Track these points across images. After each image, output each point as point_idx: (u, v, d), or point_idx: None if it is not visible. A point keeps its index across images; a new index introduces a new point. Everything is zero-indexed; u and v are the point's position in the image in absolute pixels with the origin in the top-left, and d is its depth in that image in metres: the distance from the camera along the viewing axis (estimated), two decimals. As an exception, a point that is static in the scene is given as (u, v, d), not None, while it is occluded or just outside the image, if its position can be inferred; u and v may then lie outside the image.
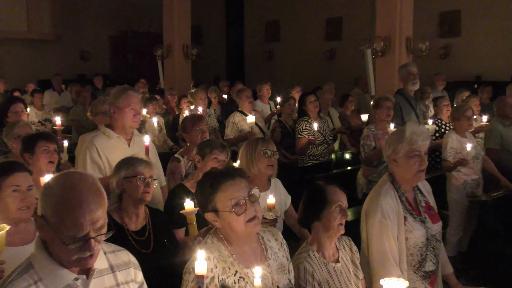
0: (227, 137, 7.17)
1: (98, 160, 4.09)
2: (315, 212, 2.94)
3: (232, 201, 2.36)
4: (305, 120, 6.80)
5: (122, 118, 4.13)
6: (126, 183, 3.38)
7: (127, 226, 3.35)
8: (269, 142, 4.02)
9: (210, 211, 2.42)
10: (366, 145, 5.82)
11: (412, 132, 3.25)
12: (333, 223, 2.90)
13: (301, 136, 6.74)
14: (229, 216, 2.37)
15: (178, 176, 4.72)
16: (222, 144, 3.98)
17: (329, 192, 2.94)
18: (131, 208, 3.39)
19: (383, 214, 3.17)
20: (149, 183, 3.40)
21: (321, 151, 6.86)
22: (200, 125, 4.99)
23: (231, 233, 2.43)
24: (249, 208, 2.37)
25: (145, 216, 3.46)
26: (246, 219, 2.37)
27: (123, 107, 4.10)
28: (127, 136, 4.25)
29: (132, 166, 3.41)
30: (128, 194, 3.38)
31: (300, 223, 3.10)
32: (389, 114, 5.88)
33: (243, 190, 2.39)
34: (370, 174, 5.88)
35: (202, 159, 3.87)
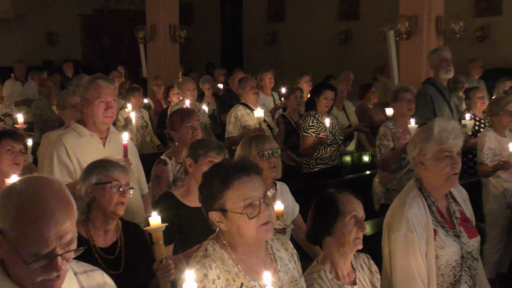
0: (229, 135, 7.18)
1: (67, 161, 4.09)
2: (325, 225, 2.94)
3: (245, 201, 2.36)
4: (312, 115, 6.79)
5: (92, 112, 4.15)
6: (97, 191, 3.37)
7: (94, 241, 3.34)
8: (264, 139, 4.01)
9: (217, 210, 2.42)
10: (382, 146, 5.79)
11: (442, 129, 3.24)
12: (348, 238, 2.90)
13: (307, 134, 6.71)
14: (240, 218, 2.37)
15: (165, 182, 4.71)
16: (219, 145, 3.97)
17: (341, 201, 2.94)
18: (100, 221, 3.38)
19: (409, 227, 3.17)
20: (125, 192, 3.39)
21: (330, 153, 6.85)
22: (191, 121, 4.99)
23: (237, 239, 2.43)
24: (264, 212, 2.38)
25: (116, 230, 3.44)
26: (259, 224, 2.38)
27: (92, 99, 4.13)
28: (102, 134, 4.26)
29: (106, 170, 3.40)
30: (98, 204, 3.37)
31: (309, 239, 3.09)
32: (410, 108, 5.85)
33: (258, 189, 2.40)
34: (388, 181, 5.85)
35: (195, 162, 3.84)
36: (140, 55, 12.91)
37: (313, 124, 6.71)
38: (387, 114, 7.79)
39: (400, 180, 5.66)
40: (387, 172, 5.86)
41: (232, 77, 9.81)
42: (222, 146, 3.95)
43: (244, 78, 7.59)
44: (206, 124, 8.01)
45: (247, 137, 4.09)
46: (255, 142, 3.96)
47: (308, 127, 6.72)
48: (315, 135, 6.62)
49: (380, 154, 5.80)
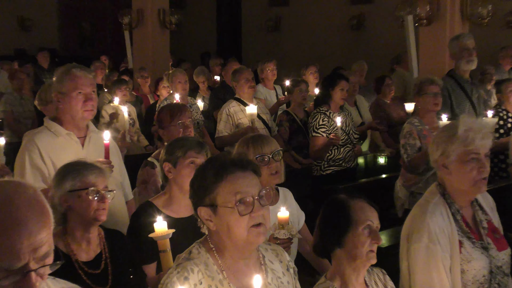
0: (219, 134, 7.16)
1: (40, 165, 4.09)
2: (336, 236, 2.94)
3: (237, 196, 2.41)
4: (322, 112, 6.80)
5: (69, 107, 4.16)
6: (72, 198, 3.37)
7: (75, 255, 3.34)
8: (263, 141, 3.99)
9: (207, 205, 2.47)
10: (408, 145, 5.82)
11: (467, 127, 3.25)
12: (361, 250, 2.90)
13: (317, 134, 6.74)
14: (230, 214, 2.41)
15: (153, 188, 4.71)
16: (198, 142, 3.96)
17: (354, 209, 2.94)
18: (80, 232, 3.38)
19: (431, 238, 3.17)
20: (103, 197, 3.39)
21: (344, 154, 6.88)
22: (182, 118, 4.99)
23: (226, 240, 2.46)
24: (257, 210, 2.42)
25: (99, 242, 3.45)
26: (250, 224, 2.41)
27: (68, 92, 4.14)
28: (80, 133, 4.26)
29: (80, 175, 3.39)
30: (75, 213, 3.37)
31: (316, 251, 3.09)
32: (437, 103, 5.89)
33: (253, 187, 2.46)
34: (412, 183, 5.88)
35: (174, 166, 3.82)
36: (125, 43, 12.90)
37: (324, 123, 6.73)
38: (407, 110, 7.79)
39: (426, 182, 5.67)
40: (412, 174, 5.87)
41: (226, 68, 9.78)
42: (202, 143, 3.94)
43: (239, 70, 7.56)
44: (200, 121, 8.00)
45: (244, 138, 4.06)
46: (253, 145, 3.94)
47: (318, 126, 6.73)
48: (326, 135, 6.64)
49: (406, 154, 5.83)
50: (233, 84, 7.48)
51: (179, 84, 8.13)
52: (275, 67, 8.93)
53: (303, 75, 9.39)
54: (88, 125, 4.33)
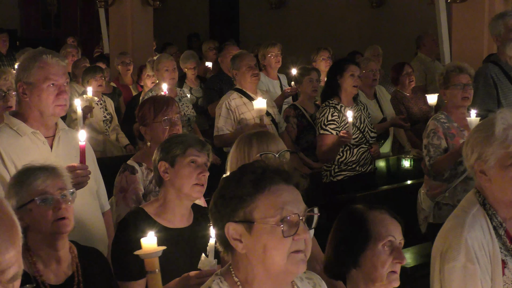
0: (219, 132, 7.18)
1: (2, 171, 4.06)
2: (351, 254, 2.95)
3: (282, 212, 2.35)
4: (332, 105, 6.80)
5: (38, 101, 4.13)
6: (25, 215, 3.37)
7: (42, 277, 3.34)
8: (268, 138, 4.03)
9: (240, 220, 2.38)
10: (432, 146, 5.83)
11: (507, 125, 3.25)
12: (381, 271, 2.91)
13: (325, 131, 6.73)
14: (269, 233, 2.34)
15: (132, 197, 4.72)
16: (199, 139, 4.01)
17: (373, 222, 2.95)
18: (45, 250, 3.39)
19: (469, 257, 3.17)
20: (59, 202, 3.39)
21: (358, 155, 6.86)
22: (168, 113, 5.00)
23: (257, 268, 2.39)
24: (301, 233, 2.36)
25: (71, 261, 3.46)
26: (292, 249, 2.35)
27: (37, 83, 4.11)
28: (49, 131, 4.24)
29: (24, 185, 3.39)
30: (33, 229, 3.37)
31: (328, 272, 3.10)
32: (467, 97, 5.89)
33: (299, 204, 2.40)
34: (438, 192, 5.88)
35: (172, 166, 3.88)
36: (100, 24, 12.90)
37: (334, 118, 6.72)
38: (429, 102, 7.79)
39: (454, 191, 5.69)
40: (437, 181, 5.87)
41: (223, 53, 9.77)
42: (203, 142, 3.99)
43: (239, 55, 7.58)
44: (191, 117, 8.02)
45: (245, 134, 4.10)
46: (257, 141, 3.97)
47: (326, 122, 6.72)
48: (336, 132, 6.64)
49: (429, 157, 5.83)
50: (233, 73, 7.46)
51: (166, 72, 8.14)
52: (279, 52, 8.93)
53: (313, 61, 9.41)
54: (57, 122, 4.31)
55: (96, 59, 11.78)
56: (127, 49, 11.24)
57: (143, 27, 11.78)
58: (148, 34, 11.91)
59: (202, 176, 3.84)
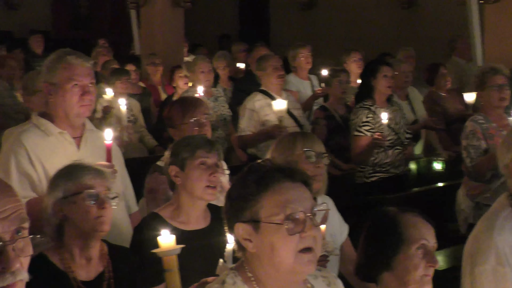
0: (241, 132, 7.24)
1: (29, 169, 4.11)
2: (383, 257, 2.95)
3: (286, 210, 2.36)
4: (366, 107, 6.81)
5: (62, 101, 4.16)
6: (67, 206, 3.41)
7: (73, 273, 3.37)
8: (313, 138, 4.07)
9: (247, 220, 2.41)
10: (472, 147, 5.83)
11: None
12: (413, 274, 2.90)
13: (360, 133, 6.74)
14: (275, 231, 2.36)
15: (163, 197, 4.73)
16: (207, 140, 4.02)
17: (406, 225, 2.94)
18: (79, 246, 3.42)
19: (499, 260, 3.17)
20: (104, 200, 3.42)
21: (392, 157, 6.87)
22: (196, 114, 5.00)
23: (267, 267, 2.41)
24: (308, 230, 2.36)
25: (101, 258, 3.49)
26: (299, 247, 2.36)
27: (62, 83, 4.14)
28: (76, 132, 4.28)
29: (74, 178, 3.43)
30: (72, 224, 3.40)
31: (360, 274, 3.11)
32: (503, 97, 5.88)
33: (305, 201, 2.41)
34: (478, 193, 5.87)
35: (182, 169, 3.88)
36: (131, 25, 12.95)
37: (368, 119, 6.73)
38: (467, 101, 7.76)
39: (495, 192, 5.64)
40: (478, 182, 5.85)
41: (253, 55, 9.81)
42: (211, 141, 4.01)
43: (264, 57, 7.66)
44: (227, 117, 8.03)
45: (289, 133, 4.12)
46: (302, 139, 4.00)
47: (361, 124, 6.74)
48: (370, 134, 6.64)
49: (469, 158, 5.83)
50: (259, 74, 7.51)
51: (202, 74, 8.17)
52: (309, 53, 8.91)
53: (343, 63, 9.38)
54: (84, 122, 4.34)
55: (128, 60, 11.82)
56: (158, 50, 11.27)
57: (174, 28, 11.81)
58: (179, 35, 11.94)
59: (213, 177, 3.84)
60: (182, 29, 11.99)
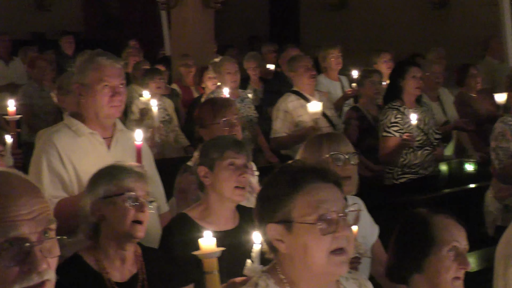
0: (276, 135, 7.24)
1: (60, 170, 4.13)
2: (414, 259, 2.95)
3: (318, 211, 2.37)
4: (395, 107, 6.78)
5: (92, 102, 4.17)
6: (106, 206, 3.42)
7: (108, 274, 3.39)
8: (340, 139, 4.05)
9: (279, 221, 2.42)
10: (500, 149, 5.81)
11: None
12: (445, 277, 2.89)
13: (388, 133, 6.72)
14: (308, 232, 2.37)
15: (193, 198, 4.73)
16: (236, 141, 4.02)
17: (437, 226, 2.93)
18: (113, 248, 3.44)
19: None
20: (143, 205, 3.44)
21: (421, 158, 6.84)
22: (227, 115, 5.01)
23: (300, 268, 2.42)
24: (341, 231, 2.37)
25: (136, 260, 3.50)
26: (332, 247, 2.36)
27: (92, 84, 4.15)
28: (106, 132, 4.29)
29: (115, 179, 3.45)
30: (109, 225, 3.42)
31: (390, 276, 3.11)
32: None
33: (338, 201, 2.41)
34: (507, 195, 5.84)
35: (211, 170, 3.88)
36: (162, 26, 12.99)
37: (397, 120, 6.71)
38: (498, 101, 7.69)
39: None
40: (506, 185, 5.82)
41: (284, 56, 9.82)
42: (240, 142, 4.01)
43: (296, 57, 7.67)
44: (253, 118, 8.03)
45: (315, 136, 4.12)
46: (328, 141, 3.98)
47: (389, 124, 6.71)
48: (399, 135, 6.61)
49: (497, 160, 5.80)
50: (290, 75, 7.53)
51: (229, 75, 8.15)
52: (340, 54, 8.93)
53: (374, 63, 9.36)
54: (115, 123, 4.36)
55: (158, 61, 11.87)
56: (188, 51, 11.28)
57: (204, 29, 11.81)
58: (209, 36, 11.93)
59: (242, 178, 3.83)
60: (212, 30, 11.98)
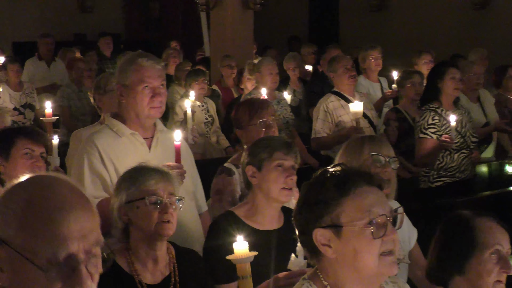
0: (316, 135, 7.25)
1: (101, 170, 4.17)
2: (456, 261, 2.93)
3: (370, 215, 2.36)
4: (432, 109, 6.73)
5: (133, 103, 4.21)
6: (131, 211, 3.46)
7: (139, 276, 3.41)
8: (381, 142, 4.05)
9: (327, 226, 2.40)
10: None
11: None
12: (486, 280, 2.88)
13: (425, 135, 6.68)
14: (359, 237, 2.36)
15: (229, 199, 4.74)
16: (286, 142, 4.01)
17: (480, 229, 2.91)
18: (144, 249, 3.46)
19: None
20: (167, 206, 3.44)
21: (458, 161, 6.78)
22: (264, 116, 5.02)
23: (348, 272, 2.41)
24: (389, 234, 2.37)
25: (168, 262, 3.52)
26: (381, 250, 2.36)
27: (133, 85, 4.18)
28: (147, 133, 4.32)
29: (137, 182, 3.47)
30: (136, 228, 3.44)
31: (431, 278, 3.09)
32: None
33: (385, 205, 2.41)
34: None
35: (259, 170, 3.90)
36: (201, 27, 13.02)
37: (434, 122, 6.66)
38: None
39: None
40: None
41: (326, 56, 9.82)
42: (290, 143, 3.99)
43: (336, 58, 7.67)
44: (289, 120, 8.03)
45: (356, 138, 4.12)
46: (370, 143, 3.98)
47: (427, 126, 6.66)
48: (436, 137, 6.56)
49: None
50: (331, 75, 7.56)
51: (269, 76, 8.17)
52: (380, 55, 8.93)
53: (414, 64, 9.31)
54: (155, 123, 4.38)
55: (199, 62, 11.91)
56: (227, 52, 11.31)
57: (243, 30, 11.83)
58: (248, 37, 11.95)
59: (289, 180, 3.84)
60: (251, 31, 12.00)
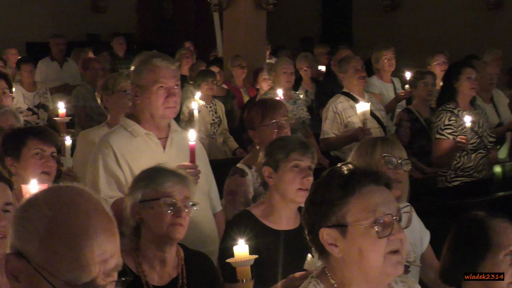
0: (325, 135, 7.24)
1: (116, 170, 4.18)
2: (470, 261, 2.92)
3: (375, 214, 2.36)
4: (449, 109, 6.73)
5: (148, 103, 4.21)
6: (144, 210, 3.45)
7: (146, 277, 3.40)
8: (393, 144, 4.03)
9: (333, 225, 2.41)
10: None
11: None
12: (500, 281, 2.86)
13: (442, 135, 6.68)
14: (365, 236, 2.36)
15: (242, 200, 4.74)
16: (303, 142, 4.01)
17: (495, 230, 2.90)
18: (153, 250, 3.45)
19: None
20: (181, 209, 3.44)
21: (475, 161, 6.78)
22: (276, 116, 5.01)
23: (354, 271, 2.41)
24: (396, 233, 2.36)
25: (177, 264, 3.51)
26: (387, 249, 2.36)
27: (148, 85, 4.19)
28: (161, 133, 4.33)
29: (153, 183, 3.46)
30: (147, 228, 3.44)
31: (444, 278, 3.08)
32: None
33: (391, 204, 2.41)
34: None
35: (275, 171, 3.90)
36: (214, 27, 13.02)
37: (451, 122, 6.65)
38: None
39: None
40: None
41: (336, 57, 9.80)
42: (307, 144, 3.99)
43: (345, 58, 7.67)
44: (305, 119, 8.02)
45: (369, 139, 4.13)
46: (382, 144, 3.97)
47: (443, 127, 6.67)
48: (453, 137, 6.55)
49: None
50: (341, 76, 7.55)
51: (284, 75, 8.18)
52: (393, 55, 8.92)
53: (428, 65, 9.28)
54: (170, 123, 4.39)
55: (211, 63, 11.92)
56: (240, 53, 11.31)
57: (256, 31, 11.82)
58: (261, 38, 11.95)
59: (306, 181, 3.83)
60: (264, 31, 12.00)
